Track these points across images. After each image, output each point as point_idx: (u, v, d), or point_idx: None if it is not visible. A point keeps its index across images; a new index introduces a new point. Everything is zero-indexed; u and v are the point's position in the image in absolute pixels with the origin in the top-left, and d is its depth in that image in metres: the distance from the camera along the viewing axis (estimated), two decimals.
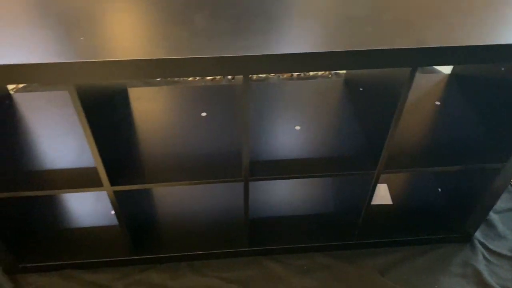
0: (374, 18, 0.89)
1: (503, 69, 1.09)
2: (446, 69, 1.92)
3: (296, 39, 0.83)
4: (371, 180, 1.12)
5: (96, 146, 0.93)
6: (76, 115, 1.20)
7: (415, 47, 0.81)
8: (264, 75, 2.09)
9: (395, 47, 0.81)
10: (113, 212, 1.37)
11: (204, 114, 1.24)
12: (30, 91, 1.84)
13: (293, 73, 2.02)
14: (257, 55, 0.80)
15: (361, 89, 1.20)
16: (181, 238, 1.30)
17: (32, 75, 0.77)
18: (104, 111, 1.03)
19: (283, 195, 1.42)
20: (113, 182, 1.03)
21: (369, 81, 1.13)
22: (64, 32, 0.83)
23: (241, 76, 0.86)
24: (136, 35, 0.83)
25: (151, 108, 1.25)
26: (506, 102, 1.09)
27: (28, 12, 0.89)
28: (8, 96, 1.25)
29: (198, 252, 1.28)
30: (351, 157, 1.11)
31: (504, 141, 1.10)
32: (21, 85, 1.88)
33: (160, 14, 0.89)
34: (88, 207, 1.38)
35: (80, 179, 1.04)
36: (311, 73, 2.06)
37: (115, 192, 1.05)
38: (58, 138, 1.14)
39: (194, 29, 0.85)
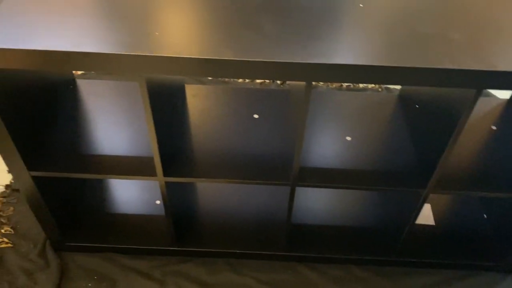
0: (442, 36, 0.89)
1: None
2: (503, 94, 1.88)
3: (361, 50, 0.84)
4: (418, 199, 1.11)
5: (156, 137, 0.97)
6: (142, 105, 1.25)
7: (483, 69, 0.80)
8: (314, 83, 2.09)
9: (462, 68, 0.81)
10: (158, 201, 1.41)
11: (256, 116, 1.26)
12: (89, 78, 1.91)
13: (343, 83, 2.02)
14: (321, 63, 0.82)
15: (417, 106, 1.19)
16: (221, 235, 1.33)
17: (108, 64, 0.81)
18: (164, 104, 1.07)
19: (327, 203, 1.43)
20: (166, 173, 1.07)
21: (426, 99, 1.12)
22: (141, 26, 0.87)
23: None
24: (207, 35, 0.86)
25: (205, 105, 1.28)
26: None
27: (107, 5, 0.94)
28: (72, 81, 1.32)
29: (236, 251, 1.30)
30: (400, 173, 1.11)
31: None
32: (80, 72, 1.96)
33: (231, 16, 0.92)
34: (135, 195, 1.43)
35: (135, 167, 1.09)
36: (361, 85, 2.05)
37: (166, 183, 1.09)
38: (116, 126, 1.19)
39: (262, 33, 0.88)
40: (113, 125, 1.20)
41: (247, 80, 2.05)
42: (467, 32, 0.90)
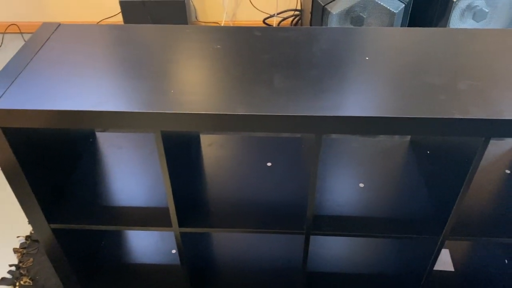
0: (450, 86, 0.91)
1: None
2: None
3: (370, 103, 0.87)
4: (435, 245, 1.10)
5: (171, 188, 1.00)
6: (158, 156, 1.28)
7: (490, 118, 0.82)
8: None
9: (469, 117, 0.82)
10: (174, 251, 1.42)
11: (269, 164, 1.28)
12: (108, 131, 1.98)
13: None
14: (330, 116, 0.85)
15: (428, 152, 1.20)
16: (237, 284, 1.32)
17: (127, 121, 0.85)
18: (180, 155, 1.10)
19: (343, 250, 1.42)
20: (181, 224, 1.09)
21: (437, 145, 1.13)
22: (157, 84, 0.92)
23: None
24: (220, 91, 0.90)
25: (220, 154, 1.31)
26: None
27: (125, 65, 0.99)
28: (92, 135, 1.37)
29: None
30: (415, 220, 1.10)
31: None
32: None
33: (243, 73, 0.96)
34: (152, 244, 1.44)
35: (151, 218, 1.11)
36: None
37: (181, 233, 1.11)
38: (133, 177, 1.23)
39: (273, 88, 0.91)
40: (131, 176, 1.23)
41: None
42: (474, 82, 0.92)
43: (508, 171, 1.24)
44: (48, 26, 1.14)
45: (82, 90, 0.90)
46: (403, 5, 2.17)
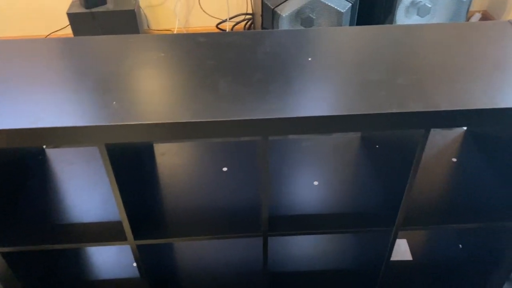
0: (389, 81, 0.94)
1: None
2: None
3: (313, 103, 0.88)
4: (389, 237, 1.13)
5: (122, 201, 0.98)
6: (104, 170, 1.26)
7: (427, 110, 0.85)
8: None
9: (408, 110, 0.85)
10: (135, 264, 1.39)
11: (225, 169, 1.28)
12: (60, 146, 1.92)
13: None
14: (275, 118, 0.85)
15: (377, 146, 1.23)
16: None
17: (68, 137, 0.83)
18: (131, 166, 1.09)
19: (302, 249, 1.43)
20: (136, 236, 1.07)
21: (385, 139, 1.17)
22: (98, 97, 0.90)
23: None
24: (164, 99, 0.90)
25: (174, 163, 1.30)
26: None
27: (65, 78, 0.97)
28: (41, 152, 1.33)
29: None
30: (368, 214, 1.13)
31: None
32: None
33: (187, 79, 0.96)
34: (112, 259, 1.41)
35: (105, 233, 1.08)
36: None
37: (138, 246, 1.09)
38: (86, 192, 1.20)
39: (218, 93, 0.91)
40: (83, 191, 1.20)
41: None
42: (412, 76, 0.96)
43: (454, 159, 1.29)
44: None
45: (18, 107, 0.87)
46: (350, 4, 2.22)
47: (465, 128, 1.44)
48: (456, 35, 1.09)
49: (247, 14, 2.72)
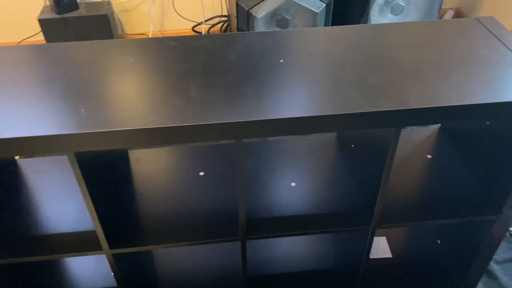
0: (360, 81, 0.94)
1: (488, 123, 1.13)
2: None
3: (286, 104, 0.88)
4: (367, 235, 1.13)
5: (95, 210, 0.96)
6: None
7: (398, 109, 0.85)
8: None
9: (378, 110, 0.85)
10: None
11: (202, 173, 1.27)
12: (33, 156, 1.88)
13: None
14: (248, 121, 0.85)
15: (352, 145, 1.24)
16: None
17: (35, 146, 0.81)
18: (104, 174, 1.07)
19: (281, 251, 1.43)
20: (112, 245, 1.05)
21: (359, 139, 1.17)
22: (67, 104, 0.88)
23: None
24: (134, 105, 0.88)
25: (150, 169, 1.28)
26: (494, 153, 1.12)
27: (33, 86, 0.95)
28: (13, 162, 1.30)
29: None
30: (346, 213, 1.13)
31: (496, 192, 1.13)
32: None
33: (157, 84, 0.95)
34: (90, 269, 1.38)
35: (80, 243, 1.06)
36: None
37: (114, 255, 1.07)
38: (60, 202, 1.17)
39: (189, 97, 0.90)
40: (57, 201, 1.18)
41: None
42: (382, 75, 0.96)
43: (429, 156, 1.31)
44: None
45: None
46: (324, 5, 2.23)
47: (439, 124, 1.46)
48: (426, 34, 1.10)
49: (222, 16, 2.71)
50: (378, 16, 2.38)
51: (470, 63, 0.99)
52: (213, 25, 2.73)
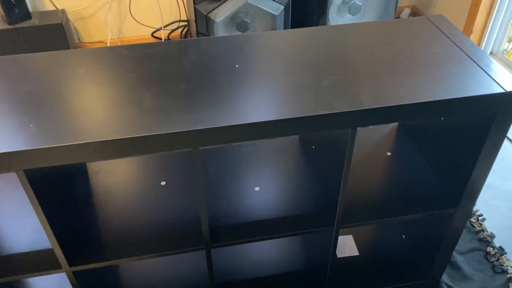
0: (315, 84, 0.95)
1: (442, 118, 1.16)
2: None
3: (241, 110, 0.87)
4: (331, 235, 1.14)
5: (51, 227, 0.93)
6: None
7: (352, 110, 0.86)
8: None
9: (333, 112, 0.86)
10: None
11: (163, 183, 1.25)
12: None
13: None
14: (204, 129, 0.84)
15: (313, 147, 1.24)
16: None
17: None
18: (61, 189, 1.03)
19: (249, 256, 1.42)
20: (71, 263, 1.02)
21: (319, 140, 1.18)
22: (13, 120, 0.85)
23: None
24: (85, 118, 0.86)
25: (110, 181, 1.25)
26: (451, 148, 1.15)
27: None
28: None
29: None
30: (309, 214, 1.13)
31: (454, 186, 1.15)
32: None
33: (109, 95, 0.92)
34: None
35: (38, 262, 1.02)
36: None
37: (74, 272, 1.03)
38: (16, 220, 1.13)
39: (143, 107, 0.88)
40: (12, 219, 1.13)
41: None
42: (336, 77, 0.97)
43: (389, 153, 1.33)
44: None
45: None
46: (283, 7, 2.24)
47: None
48: (379, 34, 1.12)
49: (181, 21, 2.68)
50: (336, 16, 2.41)
51: (421, 61, 1.01)
52: (173, 30, 2.70)
